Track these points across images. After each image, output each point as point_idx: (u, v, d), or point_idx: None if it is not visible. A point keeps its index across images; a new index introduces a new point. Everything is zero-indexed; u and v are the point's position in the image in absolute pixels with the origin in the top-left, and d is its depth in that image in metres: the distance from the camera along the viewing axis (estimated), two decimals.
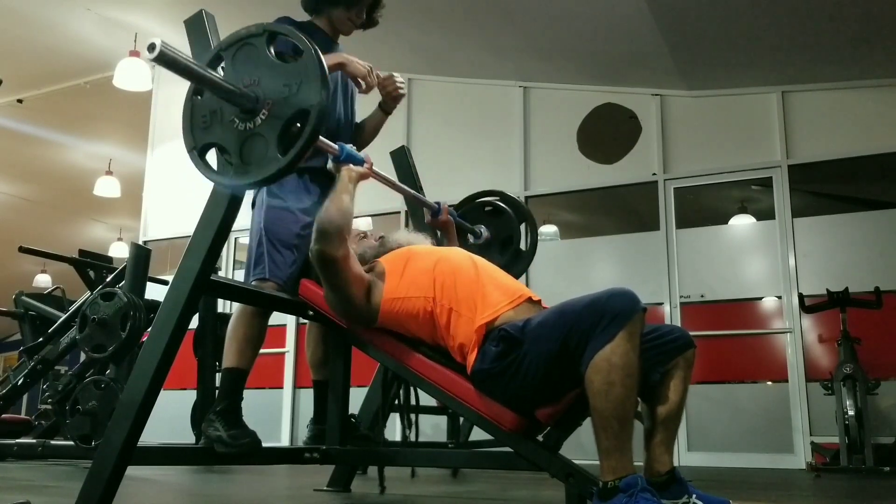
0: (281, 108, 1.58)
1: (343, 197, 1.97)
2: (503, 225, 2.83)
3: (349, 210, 1.98)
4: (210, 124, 1.65)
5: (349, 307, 2.00)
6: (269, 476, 3.62)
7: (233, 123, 1.62)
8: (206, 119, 1.66)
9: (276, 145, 1.57)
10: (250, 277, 2.31)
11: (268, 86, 1.59)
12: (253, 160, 1.59)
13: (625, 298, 1.60)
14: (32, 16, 6.22)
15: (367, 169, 2.10)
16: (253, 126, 1.59)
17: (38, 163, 8.96)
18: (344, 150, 2.05)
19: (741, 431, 5.16)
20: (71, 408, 2.85)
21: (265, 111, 1.58)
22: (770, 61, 5.32)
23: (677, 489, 1.73)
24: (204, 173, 1.67)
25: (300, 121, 1.57)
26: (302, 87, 1.56)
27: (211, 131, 1.65)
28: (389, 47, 5.94)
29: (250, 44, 1.65)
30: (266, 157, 1.57)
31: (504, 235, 2.83)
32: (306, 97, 1.56)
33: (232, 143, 1.62)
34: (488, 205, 2.88)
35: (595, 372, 1.57)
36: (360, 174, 2.07)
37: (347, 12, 2.51)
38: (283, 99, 1.58)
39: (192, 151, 1.67)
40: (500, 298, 1.86)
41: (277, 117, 1.57)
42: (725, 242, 5.62)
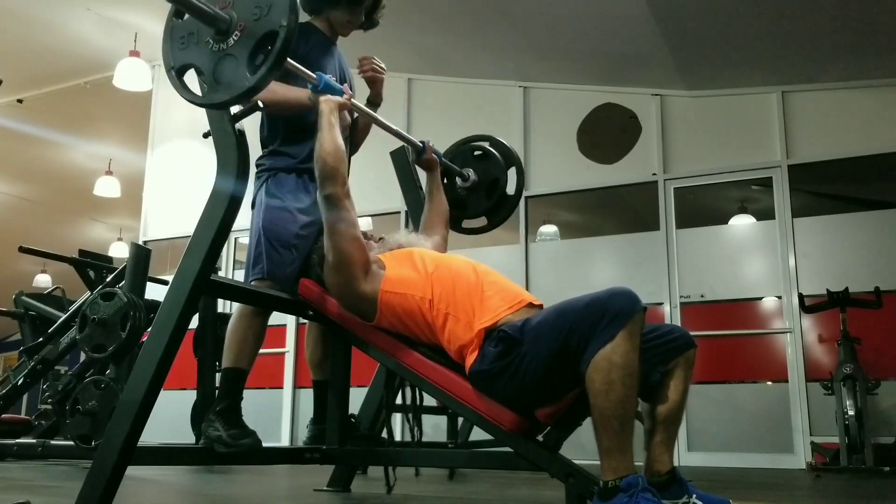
0: (252, 29, 1.63)
1: (330, 132, 2.02)
2: (491, 168, 2.83)
3: (340, 144, 2.02)
4: (187, 45, 1.72)
5: (349, 279, 1.97)
6: (269, 476, 3.61)
7: (208, 44, 1.68)
8: (183, 40, 1.73)
9: (246, 65, 1.62)
10: (250, 277, 2.31)
11: (241, 8, 1.65)
12: (224, 79, 1.65)
13: (625, 298, 1.60)
14: (32, 16, 6.23)
15: (346, 99, 2.12)
16: (226, 47, 1.65)
17: (38, 163, 8.96)
18: (322, 80, 2.07)
19: (741, 431, 5.16)
20: (71, 408, 2.85)
21: (237, 32, 1.64)
22: (770, 61, 5.32)
23: (677, 489, 1.73)
24: (180, 92, 1.73)
25: (270, 42, 1.62)
26: (272, 9, 1.62)
27: (188, 52, 1.72)
28: (389, 47, 5.94)
29: None
30: (237, 77, 1.63)
31: (491, 179, 2.83)
32: (276, 18, 1.61)
33: (206, 63, 1.68)
34: (477, 148, 2.88)
35: (595, 371, 1.57)
36: (338, 104, 2.08)
37: (347, 14, 2.51)
38: (254, 21, 1.63)
39: (171, 71, 1.74)
40: (500, 304, 1.85)
41: (248, 38, 1.63)
42: (725, 242, 5.62)
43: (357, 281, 1.97)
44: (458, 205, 2.79)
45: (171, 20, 1.76)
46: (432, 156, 2.61)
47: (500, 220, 2.87)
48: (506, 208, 2.86)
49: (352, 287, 1.99)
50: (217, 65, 1.66)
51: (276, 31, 1.61)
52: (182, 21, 1.74)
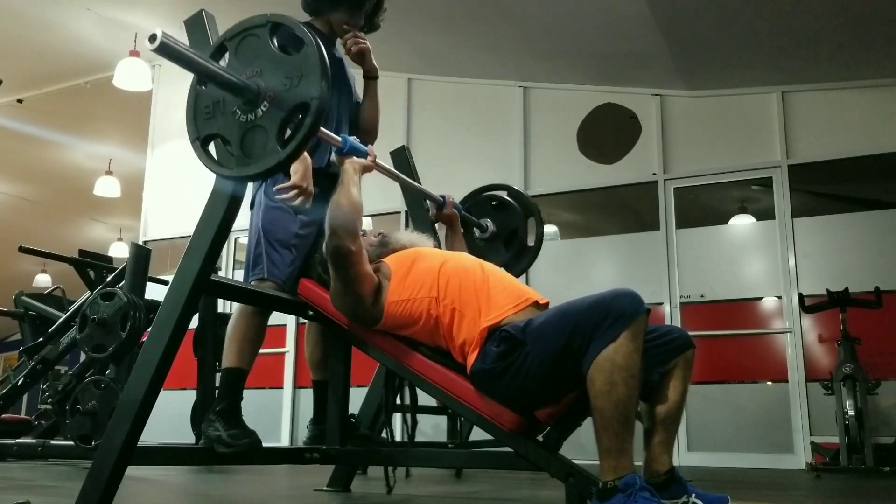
0: (282, 100, 1.57)
1: (351, 190, 1.97)
2: (509, 219, 2.81)
3: (358, 202, 1.97)
4: (213, 115, 1.65)
5: (357, 306, 1.99)
6: (269, 476, 3.61)
7: (235, 115, 1.61)
8: (208, 110, 1.66)
9: (276, 137, 1.56)
10: (249, 278, 2.31)
11: (270, 77, 1.59)
12: (254, 152, 1.59)
13: (629, 299, 1.60)
14: (32, 16, 6.23)
15: (371, 161, 2.10)
16: (254, 118, 1.59)
17: (38, 163, 8.96)
18: (347, 142, 2.05)
19: (741, 431, 5.16)
20: (71, 408, 2.85)
21: (266, 103, 1.58)
22: (770, 61, 5.32)
23: (676, 489, 1.73)
24: (206, 164, 1.67)
25: (301, 113, 1.57)
26: (303, 79, 1.55)
27: (213, 122, 1.65)
28: (390, 47, 5.94)
29: (254, 34, 1.64)
30: (266, 149, 1.57)
31: (509, 230, 2.81)
32: (307, 90, 1.55)
33: (233, 135, 1.61)
34: (494, 199, 2.86)
35: (598, 372, 1.57)
36: (363, 166, 2.06)
37: (347, 17, 2.51)
38: (283, 91, 1.57)
39: (195, 142, 1.67)
40: (505, 302, 1.85)
41: (278, 109, 1.57)
42: (725, 242, 5.62)
43: (366, 299, 1.98)
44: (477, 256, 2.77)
45: (195, 87, 1.69)
46: (453, 210, 2.59)
47: (521, 270, 2.82)
48: (526, 259, 2.83)
49: (359, 309, 2.00)
50: (245, 136, 1.60)
51: (308, 104, 1.54)
52: (205, 89, 1.67)
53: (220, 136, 1.64)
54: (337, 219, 1.92)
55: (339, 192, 1.97)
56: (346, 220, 1.92)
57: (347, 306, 2.02)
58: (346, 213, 1.93)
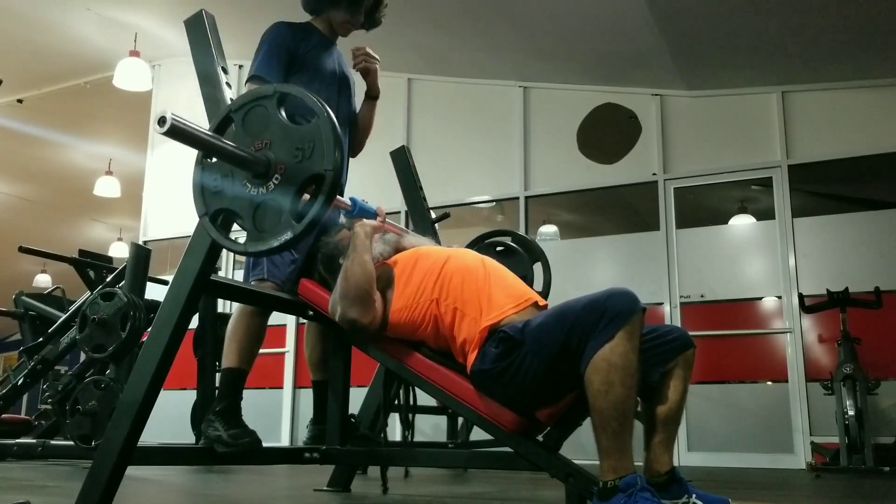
0: (294, 172, 1.52)
1: (364, 257, 1.96)
2: (516, 265, 2.78)
3: (371, 269, 1.96)
4: (221, 189, 1.60)
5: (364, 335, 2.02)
6: (269, 476, 3.61)
7: (245, 188, 1.56)
8: (216, 184, 1.61)
9: (290, 211, 1.51)
10: (249, 278, 2.31)
11: (280, 149, 1.54)
12: (267, 226, 1.54)
13: (624, 298, 1.60)
14: (32, 16, 6.23)
15: (381, 222, 2.10)
16: (265, 191, 1.54)
17: (38, 163, 8.96)
18: (357, 205, 2.06)
19: (741, 431, 5.16)
20: (71, 408, 2.85)
21: (278, 175, 1.53)
22: (770, 61, 5.32)
23: (677, 489, 1.73)
24: (219, 241, 1.63)
25: (314, 184, 1.52)
26: (315, 150, 1.51)
27: (222, 197, 1.60)
28: (390, 47, 5.94)
29: (261, 105, 1.60)
30: (280, 224, 1.52)
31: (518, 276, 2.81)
32: (320, 161, 1.50)
33: (244, 209, 1.57)
34: (499, 245, 2.84)
35: (594, 372, 1.57)
36: (374, 227, 2.06)
37: (347, 14, 2.51)
38: (296, 163, 1.52)
39: (204, 217, 1.62)
40: (506, 302, 1.85)
41: (290, 182, 1.52)
42: (725, 242, 5.62)
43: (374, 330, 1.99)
44: None
45: (201, 162, 1.64)
46: None
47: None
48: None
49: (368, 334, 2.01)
50: (257, 210, 1.55)
51: (322, 175, 1.49)
52: (212, 162, 1.63)
53: (230, 210, 1.60)
54: (351, 290, 1.92)
55: (352, 260, 1.95)
56: (362, 291, 1.91)
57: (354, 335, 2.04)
58: (360, 282, 1.92)
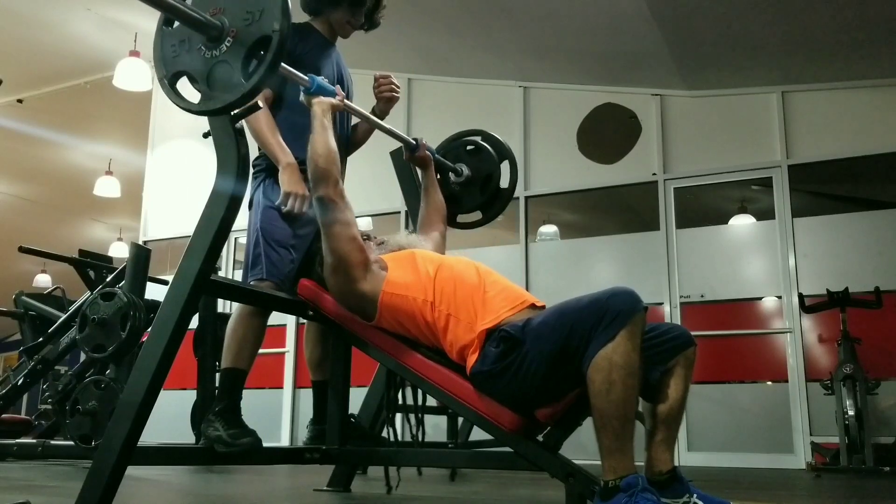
0: (244, 34, 1.63)
1: (323, 133, 2.03)
2: (484, 163, 2.81)
3: (333, 147, 2.03)
4: (179, 53, 1.71)
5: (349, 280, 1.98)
6: (269, 476, 3.61)
7: (200, 51, 1.67)
8: (175, 48, 1.71)
9: (240, 71, 1.62)
10: (249, 278, 2.31)
11: (232, 14, 1.65)
12: (219, 86, 1.64)
13: (626, 297, 1.60)
14: (32, 16, 6.22)
15: (339, 101, 2.13)
16: (218, 53, 1.65)
17: (38, 163, 8.96)
18: (315, 82, 2.08)
19: (741, 431, 5.16)
20: (71, 408, 2.85)
21: (230, 38, 1.64)
22: (770, 61, 5.32)
23: (678, 488, 1.73)
24: (174, 101, 1.72)
25: (263, 48, 1.62)
26: (264, 14, 1.62)
27: (180, 60, 1.71)
28: (390, 47, 5.94)
29: None
30: (231, 83, 1.63)
31: (484, 174, 2.82)
32: (268, 24, 1.60)
33: (199, 70, 1.67)
34: (469, 143, 2.86)
35: (596, 371, 1.57)
36: (331, 105, 2.10)
37: (347, 15, 2.51)
38: (245, 26, 1.63)
39: (163, 80, 1.72)
40: (502, 304, 1.85)
41: (241, 44, 1.63)
42: (725, 242, 5.62)
43: (357, 281, 1.97)
44: (453, 200, 2.79)
45: (161, 29, 1.75)
46: (426, 153, 2.61)
47: (495, 213, 2.87)
48: (500, 202, 2.85)
49: (352, 287, 1.99)
50: (210, 71, 1.66)
51: (270, 36, 1.60)
52: (172, 29, 1.73)
53: (186, 72, 1.70)
54: (317, 168, 1.99)
55: (313, 139, 2.02)
56: (323, 164, 1.99)
57: (340, 282, 2.01)
58: (322, 155, 2.00)
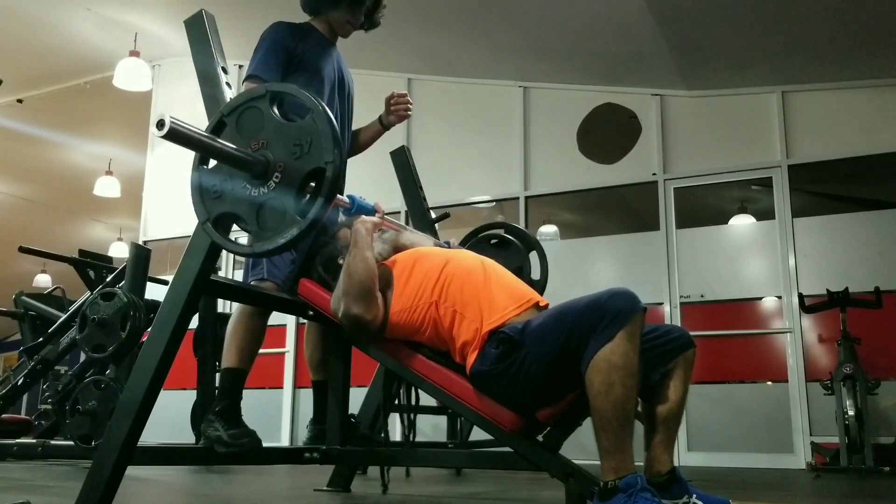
0: (293, 169, 1.53)
1: (365, 253, 1.95)
2: (511, 256, 2.79)
3: (372, 265, 1.95)
4: (221, 194, 1.60)
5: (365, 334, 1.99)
6: (269, 476, 3.61)
7: (245, 190, 1.56)
8: (216, 189, 1.61)
9: (293, 208, 1.52)
10: (249, 278, 2.31)
11: (277, 147, 1.55)
12: (271, 226, 1.54)
13: (625, 298, 1.60)
14: (32, 16, 6.22)
15: (380, 218, 2.10)
16: (266, 191, 1.55)
17: (38, 163, 8.96)
18: (355, 203, 2.07)
19: (741, 431, 5.16)
20: (71, 408, 2.85)
21: (277, 174, 1.54)
22: (770, 61, 5.32)
23: (677, 489, 1.73)
24: (223, 245, 1.63)
25: (314, 179, 1.53)
26: (313, 145, 1.52)
27: (223, 201, 1.60)
28: (390, 48, 5.94)
29: (254, 107, 1.61)
30: (285, 222, 1.53)
31: (514, 267, 2.80)
32: (319, 156, 1.51)
33: (247, 211, 1.57)
34: (493, 237, 2.84)
35: (595, 372, 1.56)
36: (374, 224, 2.06)
37: (347, 15, 2.51)
38: (294, 160, 1.53)
39: (206, 224, 1.62)
40: (508, 303, 1.85)
41: (291, 179, 1.52)
42: (725, 242, 5.62)
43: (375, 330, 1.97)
44: None
45: (198, 168, 1.63)
46: None
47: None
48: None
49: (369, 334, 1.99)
50: (260, 210, 1.55)
51: (322, 168, 1.50)
52: (209, 168, 1.63)
53: (232, 214, 1.60)
54: (353, 286, 1.90)
55: (354, 257, 1.94)
56: (363, 288, 1.90)
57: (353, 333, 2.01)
58: (363, 279, 1.90)
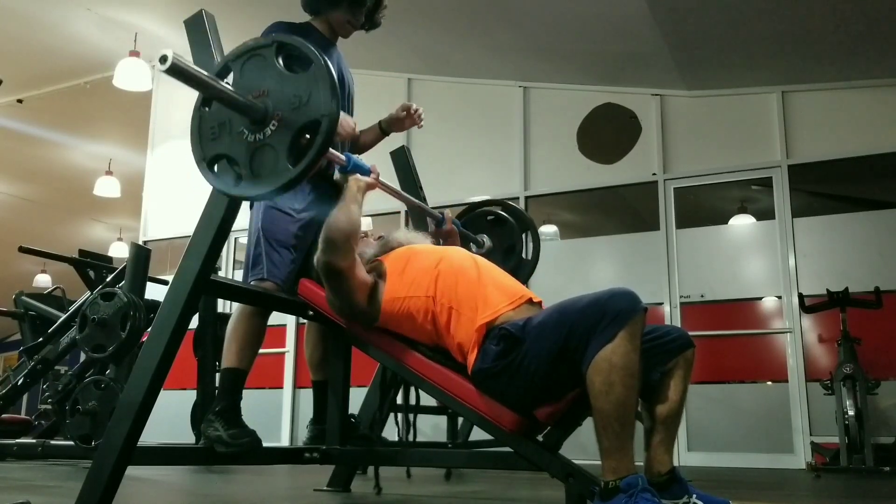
0: (291, 119, 1.57)
1: (351, 207, 1.98)
2: (505, 234, 2.84)
3: (357, 220, 1.98)
4: (219, 135, 1.65)
5: (352, 311, 2.01)
6: (269, 476, 3.61)
7: (242, 135, 1.61)
8: (214, 130, 1.65)
9: (286, 156, 1.56)
10: (249, 278, 2.31)
11: (277, 97, 1.59)
12: (263, 171, 1.59)
13: (626, 298, 1.60)
14: (32, 16, 6.23)
15: (374, 179, 2.11)
16: (263, 137, 1.59)
17: (38, 163, 8.96)
18: (351, 161, 2.06)
19: (741, 431, 5.16)
20: (71, 408, 2.85)
21: (275, 122, 1.58)
22: (770, 61, 5.32)
23: (677, 489, 1.73)
24: (214, 184, 1.67)
25: (310, 132, 1.56)
26: (312, 97, 1.55)
27: (220, 142, 1.65)
28: (390, 48, 5.94)
29: (259, 55, 1.64)
30: (277, 169, 1.57)
31: (507, 244, 2.84)
32: (316, 108, 1.55)
33: (241, 155, 1.61)
34: (490, 214, 2.87)
35: (596, 372, 1.57)
36: (367, 184, 2.07)
37: (348, 15, 2.51)
38: (292, 110, 1.57)
39: (202, 162, 1.66)
40: (501, 299, 1.85)
41: (287, 128, 1.57)
42: (725, 242, 5.62)
43: (360, 305, 1.98)
44: None
45: (199, 109, 1.69)
46: (452, 227, 2.59)
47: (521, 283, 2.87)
48: (524, 272, 2.86)
49: (356, 310, 2.00)
50: (254, 156, 1.60)
51: (318, 121, 1.54)
52: (210, 110, 1.68)
53: (226, 156, 1.64)
54: (332, 235, 1.93)
55: (340, 208, 1.97)
56: (342, 238, 1.92)
57: (343, 311, 2.04)
58: (343, 230, 1.93)
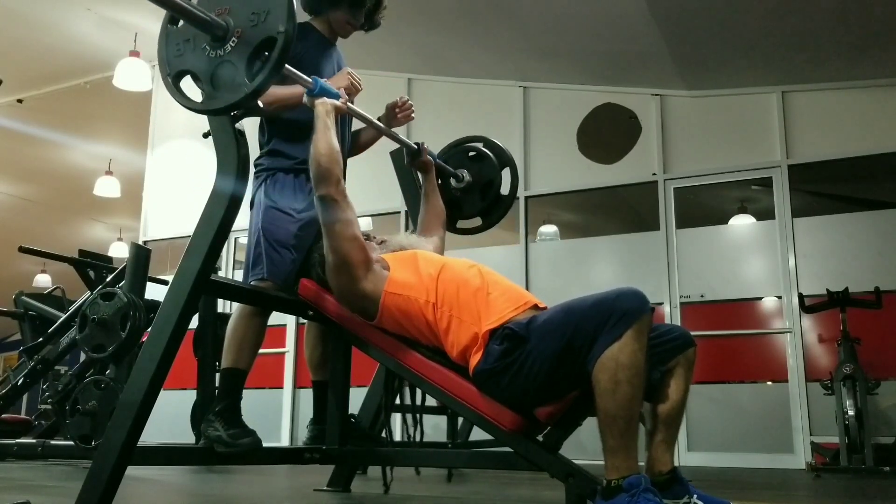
0: (249, 35, 1.64)
1: (326, 133, 2.02)
2: (485, 170, 2.85)
3: (335, 147, 2.02)
4: (183, 52, 1.72)
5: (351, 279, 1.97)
6: (269, 476, 3.61)
7: (204, 51, 1.68)
8: (179, 47, 1.73)
9: (244, 71, 1.63)
10: (249, 278, 2.31)
11: (238, 14, 1.66)
12: (223, 85, 1.66)
13: (633, 298, 1.60)
14: (32, 16, 6.22)
15: (342, 103, 2.13)
16: (223, 53, 1.66)
17: (38, 163, 8.96)
18: (318, 84, 2.09)
19: (741, 431, 5.16)
20: (71, 408, 2.85)
21: (235, 38, 1.66)
22: (770, 61, 5.32)
23: (678, 489, 1.73)
24: (177, 99, 1.74)
25: (268, 49, 1.64)
26: (269, 15, 1.63)
27: (184, 59, 1.72)
28: (390, 48, 5.94)
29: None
30: (235, 83, 1.64)
31: (485, 180, 2.85)
32: (273, 25, 1.62)
33: (203, 70, 1.69)
34: (471, 150, 2.89)
35: (602, 371, 1.57)
36: (335, 107, 2.10)
37: (348, 15, 2.51)
38: (251, 27, 1.65)
39: (167, 78, 1.74)
40: (506, 305, 1.85)
41: (246, 44, 1.64)
42: (725, 242, 5.62)
43: (359, 280, 1.97)
44: (453, 205, 2.81)
45: (166, 27, 1.76)
46: (427, 158, 2.62)
47: (495, 220, 2.91)
48: (500, 209, 2.89)
49: (354, 286, 1.98)
50: (215, 71, 1.67)
51: (275, 38, 1.62)
52: (177, 27, 1.75)
53: (190, 71, 1.72)
54: (319, 167, 1.98)
55: (316, 139, 2.02)
56: (325, 163, 1.98)
57: (342, 282, 2.00)
58: (323, 153, 1.99)
